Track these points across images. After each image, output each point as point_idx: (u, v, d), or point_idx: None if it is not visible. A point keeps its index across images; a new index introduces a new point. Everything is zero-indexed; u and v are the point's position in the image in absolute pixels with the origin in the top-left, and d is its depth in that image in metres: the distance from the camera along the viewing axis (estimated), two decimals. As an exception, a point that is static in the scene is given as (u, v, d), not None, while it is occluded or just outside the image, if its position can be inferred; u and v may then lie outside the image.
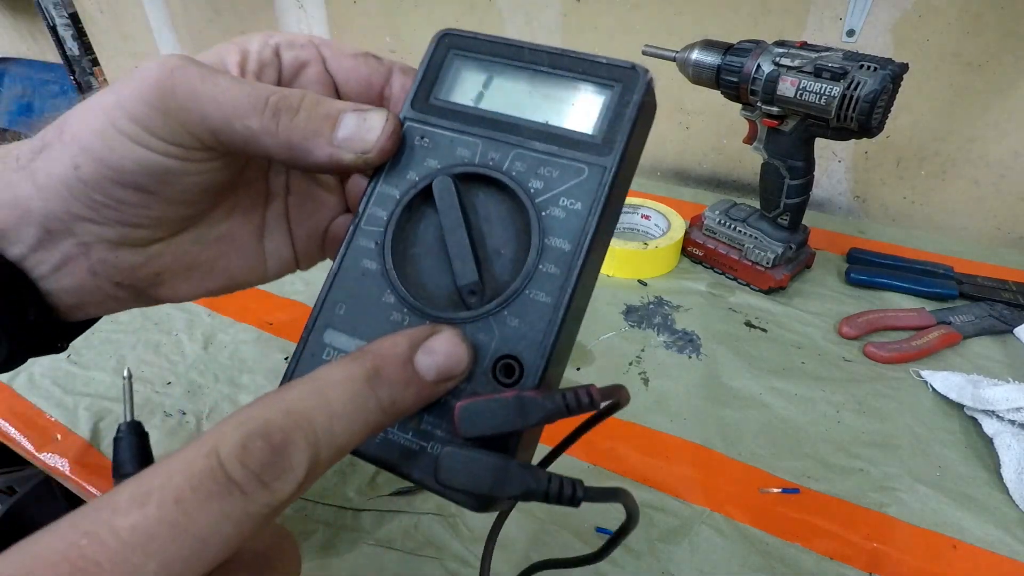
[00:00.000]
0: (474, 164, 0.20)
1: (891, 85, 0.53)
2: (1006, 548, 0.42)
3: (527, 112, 0.20)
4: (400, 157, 0.21)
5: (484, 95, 0.21)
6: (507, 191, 0.20)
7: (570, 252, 0.18)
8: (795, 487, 0.46)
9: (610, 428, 0.51)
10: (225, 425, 0.15)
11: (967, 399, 0.51)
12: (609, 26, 0.90)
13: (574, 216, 0.19)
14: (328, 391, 0.16)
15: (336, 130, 0.20)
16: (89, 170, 0.20)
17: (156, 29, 1.41)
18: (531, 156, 0.19)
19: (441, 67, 0.22)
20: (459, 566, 0.41)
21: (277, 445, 0.15)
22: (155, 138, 0.20)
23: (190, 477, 0.14)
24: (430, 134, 0.21)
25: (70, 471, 0.49)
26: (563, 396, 0.17)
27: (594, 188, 0.19)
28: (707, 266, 0.72)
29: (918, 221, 0.84)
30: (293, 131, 0.20)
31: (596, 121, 0.19)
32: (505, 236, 0.19)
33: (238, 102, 0.19)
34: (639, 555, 0.42)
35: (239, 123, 0.19)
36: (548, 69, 0.20)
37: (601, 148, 0.19)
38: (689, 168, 0.96)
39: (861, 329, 0.61)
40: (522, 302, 0.19)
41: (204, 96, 0.19)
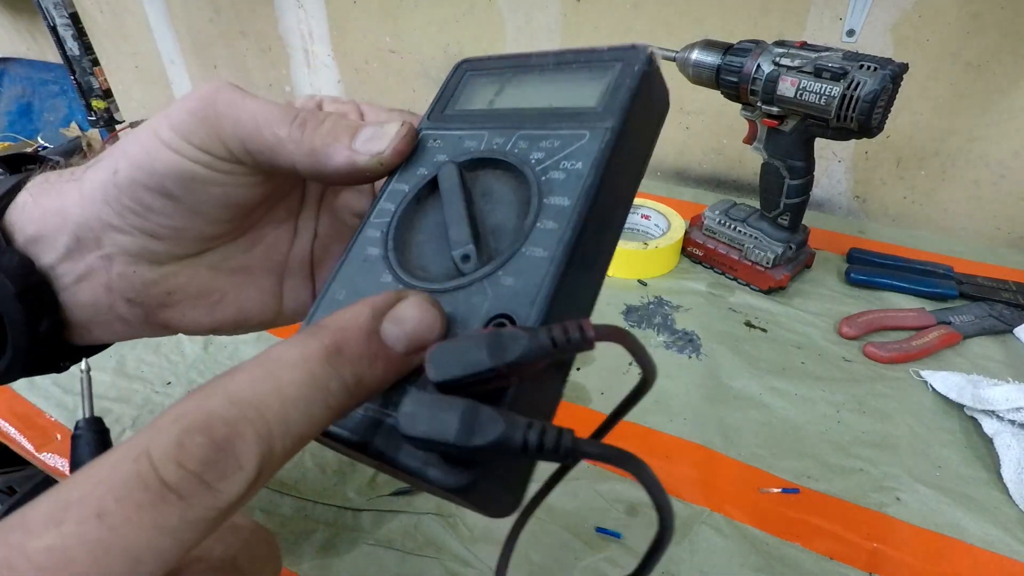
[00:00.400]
0: (479, 151, 0.20)
1: (891, 85, 0.53)
2: (1006, 548, 0.42)
3: (533, 102, 0.20)
4: (413, 159, 0.22)
5: (496, 100, 0.22)
6: (510, 169, 0.19)
7: (569, 207, 0.17)
8: (795, 487, 0.46)
9: (610, 428, 0.51)
10: (159, 420, 0.13)
11: (967, 399, 0.51)
12: (609, 26, 0.90)
13: (574, 175, 0.18)
14: (281, 373, 0.14)
15: (356, 138, 0.21)
16: (125, 174, 0.21)
17: (156, 29, 1.41)
18: (534, 134, 0.19)
19: (457, 87, 0.23)
20: (459, 566, 0.41)
21: (220, 440, 0.13)
22: (188, 144, 0.21)
23: (115, 486, 0.12)
24: (442, 136, 0.22)
25: (70, 471, 0.48)
26: (548, 329, 0.14)
27: (596, 147, 0.18)
28: (707, 266, 0.72)
29: (918, 221, 0.84)
30: (315, 138, 0.21)
31: (598, 95, 0.19)
32: (508, 213, 0.19)
33: (271, 114, 0.21)
34: (639, 555, 0.41)
35: (268, 131, 0.21)
36: (555, 66, 0.21)
37: (602, 114, 0.18)
38: (689, 168, 0.96)
39: (861, 329, 0.61)
40: (517, 260, 0.17)
41: (241, 107, 0.21)
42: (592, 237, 0.18)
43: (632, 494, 0.46)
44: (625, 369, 0.57)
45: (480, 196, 0.19)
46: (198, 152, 0.21)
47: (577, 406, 0.53)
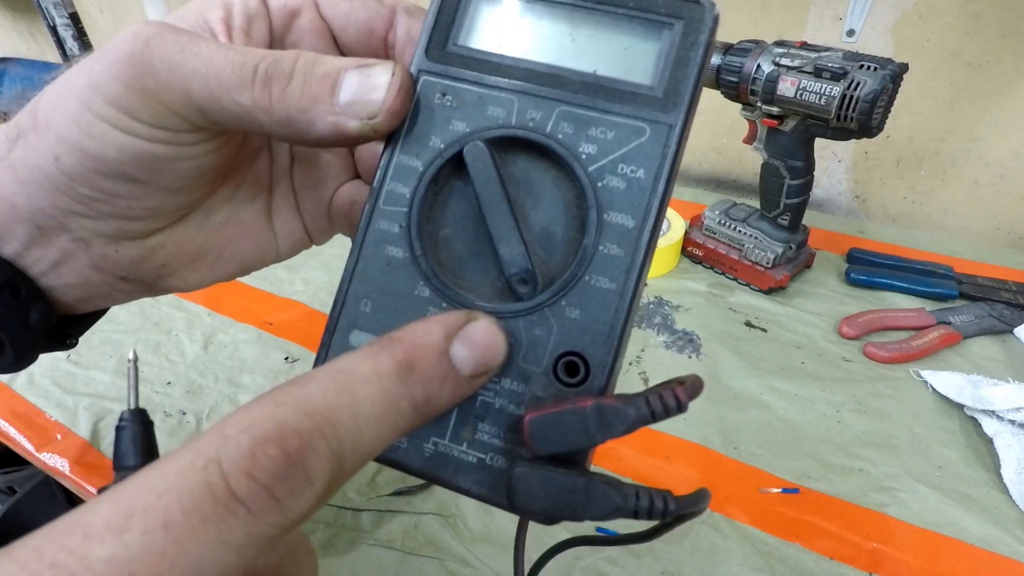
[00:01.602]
0: (511, 126, 0.16)
1: (891, 85, 0.53)
2: (1006, 548, 0.42)
3: (570, 60, 0.16)
4: (418, 119, 0.17)
5: (515, 38, 0.17)
6: (554, 158, 0.16)
7: (634, 229, 0.15)
8: (795, 487, 0.46)
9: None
10: (228, 427, 0.12)
11: (967, 399, 0.51)
12: (609, 26, 0.90)
13: (636, 186, 0.15)
14: (356, 388, 0.13)
15: (337, 93, 0.17)
16: (71, 161, 0.18)
17: (156, 29, 1.41)
18: (580, 114, 0.16)
19: (459, 4, 0.17)
20: (459, 566, 0.41)
21: (294, 453, 0.12)
22: (137, 122, 0.17)
23: (183, 496, 0.11)
24: (453, 90, 0.17)
25: (70, 471, 0.49)
26: (647, 401, 0.14)
27: (659, 151, 0.15)
28: (707, 266, 0.72)
29: (918, 221, 0.84)
30: (288, 102, 0.17)
31: (655, 69, 0.15)
32: (553, 212, 0.16)
33: (224, 74, 0.17)
34: (639, 555, 0.42)
35: (228, 99, 0.17)
36: (593, 3, 0.16)
37: (664, 102, 0.15)
38: (689, 168, 0.96)
39: (861, 329, 0.61)
40: (582, 290, 0.15)
41: (185, 69, 0.17)
42: (649, 262, 0.16)
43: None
44: (625, 369, 0.57)
45: (519, 189, 0.16)
46: (153, 130, 0.17)
47: (577, 406, 0.53)
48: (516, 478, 0.14)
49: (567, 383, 0.16)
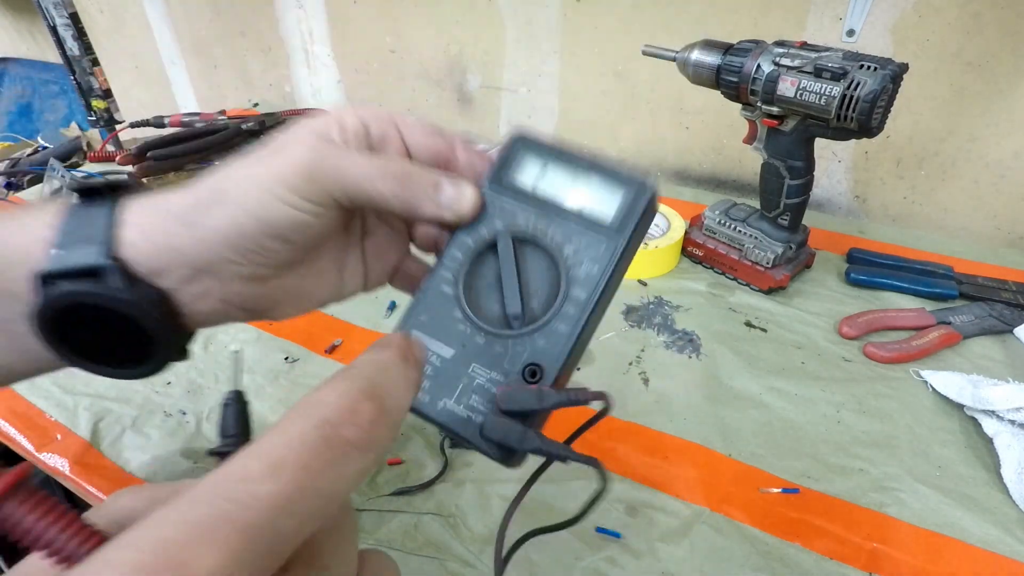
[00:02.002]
0: (528, 232, 0.28)
1: (891, 85, 0.53)
2: (1006, 548, 0.42)
3: (568, 200, 0.28)
4: (476, 216, 0.28)
5: (540, 181, 0.28)
6: (548, 252, 0.27)
7: (585, 299, 0.26)
8: (795, 487, 0.46)
9: (610, 428, 0.51)
10: (323, 398, 0.18)
11: (967, 399, 0.51)
12: (609, 26, 0.90)
13: (591, 275, 0.27)
14: (388, 370, 0.21)
15: (439, 194, 0.27)
16: (249, 227, 0.25)
17: (156, 29, 1.41)
18: (567, 229, 0.27)
19: (513, 159, 0.29)
20: (459, 566, 0.41)
21: (380, 405, 0.18)
22: (303, 199, 0.25)
23: (309, 447, 0.16)
24: (499, 203, 0.28)
25: (70, 471, 0.49)
26: (567, 393, 0.24)
27: (608, 259, 0.27)
28: (707, 266, 0.72)
29: (918, 221, 0.84)
30: (410, 193, 0.26)
31: (614, 213, 0.27)
32: (542, 282, 0.27)
33: (372, 173, 0.26)
34: (639, 555, 0.42)
35: (371, 187, 0.26)
36: (587, 167, 0.28)
37: (615, 233, 0.27)
38: (689, 168, 0.96)
39: (861, 329, 0.61)
40: (549, 329, 0.26)
41: (345, 168, 0.26)
42: (595, 319, 0.27)
43: (632, 494, 0.46)
44: (625, 369, 0.57)
45: (526, 266, 0.28)
46: (310, 205, 0.26)
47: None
48: (487, 420, 0.25)
49: (529, 380, 0.26)
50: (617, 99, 0.96)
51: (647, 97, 0.93)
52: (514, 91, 1.05)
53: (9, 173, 1.05)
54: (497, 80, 1.05)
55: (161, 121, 1.02)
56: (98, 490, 0.46)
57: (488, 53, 1.03)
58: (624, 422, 0.51)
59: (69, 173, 0.81)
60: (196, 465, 0.47)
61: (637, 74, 0.92)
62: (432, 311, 0.28)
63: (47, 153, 1.20)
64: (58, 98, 1.74)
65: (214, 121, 0.99)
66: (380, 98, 1.20)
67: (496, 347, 0.26)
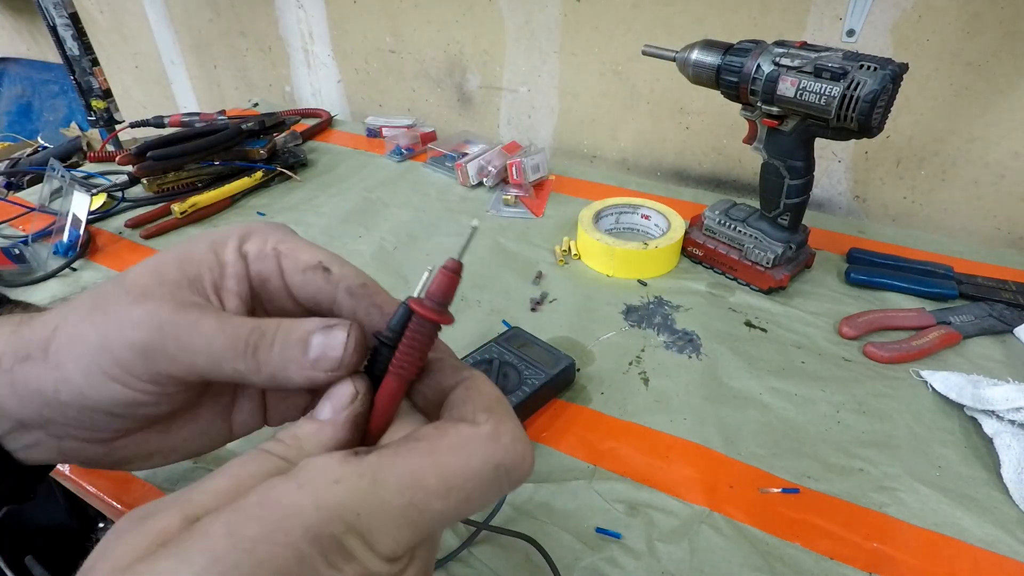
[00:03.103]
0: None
1: (891, 85, 0.53)
2: (1006, 548, 0.42)
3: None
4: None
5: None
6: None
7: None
8: (795, 487, 0.46)
9: (610, 428, 0.51)
10: (501, 441, 0.20)
11: (967, 399, 0.51)
12: (609, 26, 0.90)
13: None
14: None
15: (307, 353, 0.22)
16: (67, 396, 0.22)
17: (156, 29, 1.41)
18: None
19: None
20: (459, 566, 0.41)
21: (530, 447, 0.21)
22: (136, 379, 0.22)
23: (481, 484, 0.20)
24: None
25: (70, 471, 0.49)
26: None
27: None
28: (707, 266, 0.72)
29: (918, 221, 0.84)
30: (272, 365, 0.22)
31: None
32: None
33: (224, 349, 0.22)
34: (639, 555, 0.42)
35: (227, 366, 0.22)
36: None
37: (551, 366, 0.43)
38: (689, 168, 0.96)
39: (861, 329, 0.61)
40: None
41: (192, 349, 0.22)
42: None
43: (632, 494, 0.46)
44: (625, 369, 0.57)
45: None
46: (146, 385, 0.22)
47: (578, 406, 0.53)
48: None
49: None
50: (617, 99, 0.96)
51: (647, 97, 0.93)
52: (514, 91, 1.05)
53: (9, 173, 1.05)
54: (497, 80, 1.05)
55: (161, 121, 1.02)
56: (98, 490, 0.46)
57: (488, 53, 1.03)
58: (624, 422, 0.51)
59: (69, 173, 0.81)
60: (196, 465, 0.47)
61: (637, 74, 0.92)
62: None
63: (47, 153, 1.20)
64: (58, 98, 1.74)
65: (214, 121, 0.99)
66: (380, 98, 1.20)
67: None
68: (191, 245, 0.24)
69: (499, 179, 0.90)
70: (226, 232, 0.25)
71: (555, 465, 0.48)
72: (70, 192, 0.76)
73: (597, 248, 0.70)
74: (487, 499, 0.20)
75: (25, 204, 0.84)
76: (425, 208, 0.85)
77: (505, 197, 0.85)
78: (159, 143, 0.84)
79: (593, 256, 0.72)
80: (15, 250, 0.73)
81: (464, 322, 0.63)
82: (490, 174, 0.89)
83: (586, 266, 0.72)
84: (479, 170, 0.89)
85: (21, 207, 0.83)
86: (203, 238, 0.25)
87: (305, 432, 0.21)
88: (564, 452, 0.49)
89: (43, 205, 0.82)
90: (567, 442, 0.50)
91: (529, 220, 0.82)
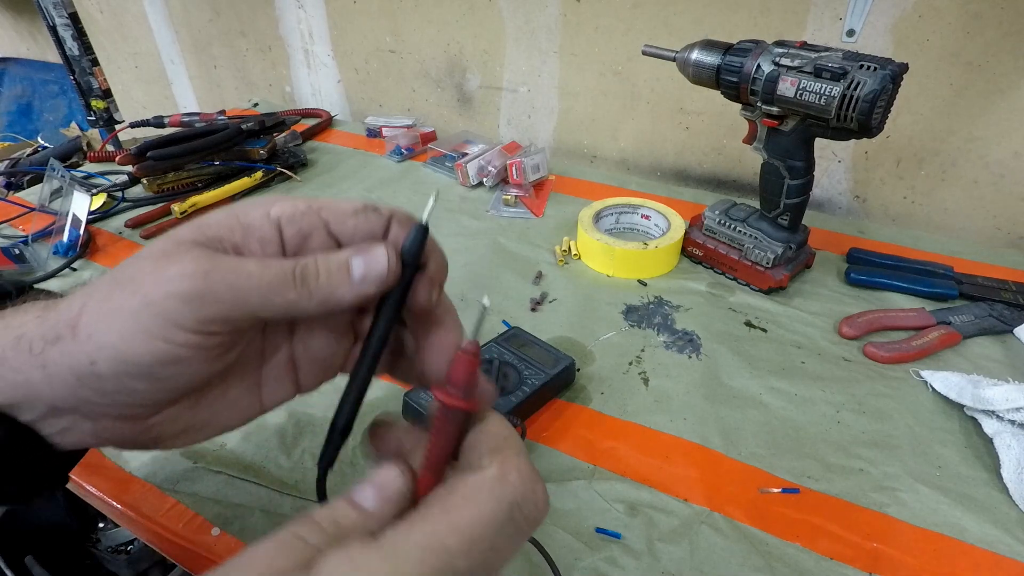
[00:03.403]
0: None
1: (891, 85, 0.53)
2: (1006, 548, 0.42)
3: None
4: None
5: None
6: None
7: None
8: (795, 487, 0.46)
9: (610, 428, 0.51)
10: (509, 481, 0.20)
11: (967, 399, 0.51)
12: (609, 26, 0.90)
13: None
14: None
15: (352, 275, 0.23)
16: (106, 366, 0.22)
17: (156, 29, 1.41)
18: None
19: None
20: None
21: (538, 477, 0.22)
22: (180, 330, 0.21)
23: (503, 524, 0.20)
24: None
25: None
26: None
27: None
28: (707, 266, 0.72)
29: (918, 221, 0.84)
30: (321, 290, 0.23)
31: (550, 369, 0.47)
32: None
33: (273, 283, 0.22)
34: (639, 555, 0.42)
35: (278, 298, 0.22)
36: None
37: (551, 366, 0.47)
38: (689, 168, 0.96)
39: (861, 329, 0.61)
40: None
41: (242, 287, 0.22)
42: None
43: (632, 494, 0.46)
44: (625, 369, 0.57)
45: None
46: (189, 335, 0.22)
47: (578, 406, 0.53)
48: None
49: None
50: (617, 99, 0.96)
51: (647, 97, 0.93)
52: (514, 91, 1.05)
53: (9, 173, 1.05)
54: (497, 80, 1.05)
55: (161, 121, 1.02)
56: (98, 490, 0.46)
57: (488, 53, 1.03)
58: (624, 422, 0.51)
59: (69, 173, 0.81)
60: (196, 465, 0.47)
61: (637, 74, 0.92)
62: None
63: (47, 153, 1.20)
64: (58, 98, 1.74)
65: (214, 121, 0.99)
66: (380, 98, 1.20)
67: None
68: (206, 216, 0.24)
69: (499, 179, 0.90)
70: (247, 202, 0.25)
71: (555, 465, 0.48)
72: (70, 192, 0.76)
73: (597, 248, 0.70)
74: (511, 544, 0.20)
75: (25, 204, 0.84)
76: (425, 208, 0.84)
77: (505, 197, 0.85)
78: (159, 143, 0.84)
79: (593, 256, 0.72)
80: (15, 250, 0.73)
81: (464, 322, 0.63)
82: (490, 174, 0.89)
83: (586, 266, 0.72)
84: (479, 170, 0.89)
85: (21, 207, 0.83)
86: (221, 209, 0.25)
87: (348, 521, 0.21)
88: (564, 452, 0.49)
89: (43, 205, 0.82)
90: (567, 442, 0.50)
91: (529, 220, 0.82)
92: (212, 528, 0.43)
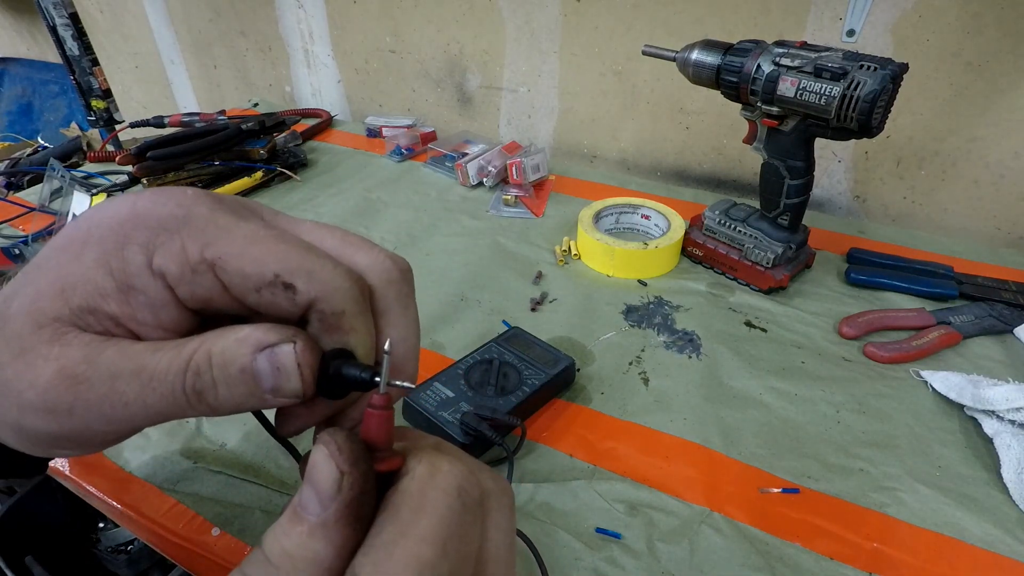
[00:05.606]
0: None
1: (891, 85, 0.53)
2: (1006, 548, 0.42)
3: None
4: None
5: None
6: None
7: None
8: (795, 487, 0.46)
9: (610, 428, 0.51)
10: (441, 471, 0.19)
11: (967, 399, 0.51)
12: (609, 26, 0.90)
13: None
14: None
15: (261, 384, 0.18)
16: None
17: (156, 29, 1.41)
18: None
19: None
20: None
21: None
22: (52, 449, 0.20)
23: (457, 515, 0.19)
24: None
25: (70, 471, 0.48)
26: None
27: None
28: (707, 266, 0.72)
29: (918, 221, 0.84)
30: (227, 403, 0.19)
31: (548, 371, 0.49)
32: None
33: (162, 403, 0.18)
34: (639, 555, 0.42)
35: (170, 417, 0.19)
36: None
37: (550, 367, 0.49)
38: (689, 168, 0.96)
39: (861, 329, 0.61)
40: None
41: (116, 417, 0.18)
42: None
43: (632, 494, 0.46)
44: (625, 369, 0.57)
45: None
46: (65, 451, 0.20)
47: (578, 406, 0.53)
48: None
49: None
50: (617, 99, 0.96)
51: (647, 97, 0.93)
52: (514, 91, 1.05)
53: (9, 173, 1.05)
54: (497, 80, 1.05)
55: (161, 121, 1.02)
56: (98, 490, 0.46)
57: (488, 53, 1.03)
58: (624, 422, 0.51)
59: (69, 173, 0.81)
60: (196, 465, 0.47)
61: (637, 74, 0.92)
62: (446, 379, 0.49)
63: (47, 153, 1.20)
64: (58, 98, 1.74)
65: (214, 121, 0.99)
66: (380, 98, 1.20)
67: (476, 399, 0.47)
68: (66, 260, 0.18)
69: (499, 179, 0.90)
70: (118, 232, 0.19)
71: (555, 465, 0.48)
72: (70, 192, 0.76)
73: (597, 248, 0.70)
74: (479, 526, 0.20)
75: (25, 204, 0.84)
76: (425, 208, 0.85)
77: (505, 197, 0.85)
78: (159, 143, 0.84)
79: (593, 256, 0.72)
80: (15, 250, 0.73)
81: (464, 322, 0.63)
82: (490, 174, 0.89)
83: (586, 266, 0.72)
84: (479, 170, 0.89)
85: (21, 207, 0.83)
86: (85, 242, 0.19)
87: (294, 546, 0.17)
88: (564, 452, 0.49)
89: (43, 205, 0.82)
90: (567, 442, 0.50)
91: (529, 220, 0.82)
92: (212, 528, 0.43)
